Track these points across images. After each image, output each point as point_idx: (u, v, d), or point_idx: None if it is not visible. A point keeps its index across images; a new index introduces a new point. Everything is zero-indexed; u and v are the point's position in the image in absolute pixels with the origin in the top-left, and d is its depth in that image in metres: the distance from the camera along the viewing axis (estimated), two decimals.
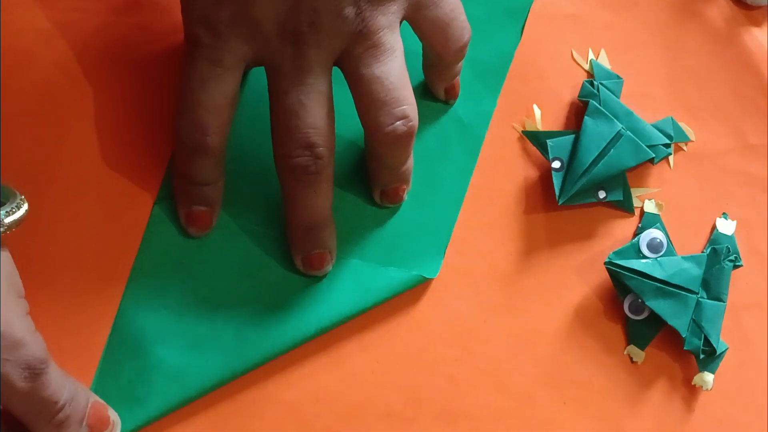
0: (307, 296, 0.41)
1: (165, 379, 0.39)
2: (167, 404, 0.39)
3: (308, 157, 0.38)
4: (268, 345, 0.40)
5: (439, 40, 0.41)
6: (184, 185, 0.41)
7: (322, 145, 0.38)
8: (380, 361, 0.41)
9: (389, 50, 0.38)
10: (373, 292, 0.41)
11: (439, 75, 0.44)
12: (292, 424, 0.40)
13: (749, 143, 0.46)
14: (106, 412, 0.36)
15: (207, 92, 0.38)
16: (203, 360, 0.40)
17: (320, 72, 0.38)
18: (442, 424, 0.41)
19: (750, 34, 0.48)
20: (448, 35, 0.40)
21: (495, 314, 0.43)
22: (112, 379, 0.39)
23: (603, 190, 0.44)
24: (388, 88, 0.38)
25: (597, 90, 0.44)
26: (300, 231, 0.40)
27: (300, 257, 0.41)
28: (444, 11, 0.40)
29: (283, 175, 0.39)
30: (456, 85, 0.45)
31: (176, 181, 0.41)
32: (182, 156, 0.40)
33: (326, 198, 0.40)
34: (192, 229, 0.41)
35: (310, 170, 0.38)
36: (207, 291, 0.41)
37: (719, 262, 0.43)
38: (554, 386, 0.42)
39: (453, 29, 0.40)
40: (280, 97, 0.38)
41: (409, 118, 0.38)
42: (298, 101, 0.37)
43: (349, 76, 0.38)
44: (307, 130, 0.38)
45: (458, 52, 0.42)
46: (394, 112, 0.38)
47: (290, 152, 0.38)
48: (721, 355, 0.43)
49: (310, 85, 0.38)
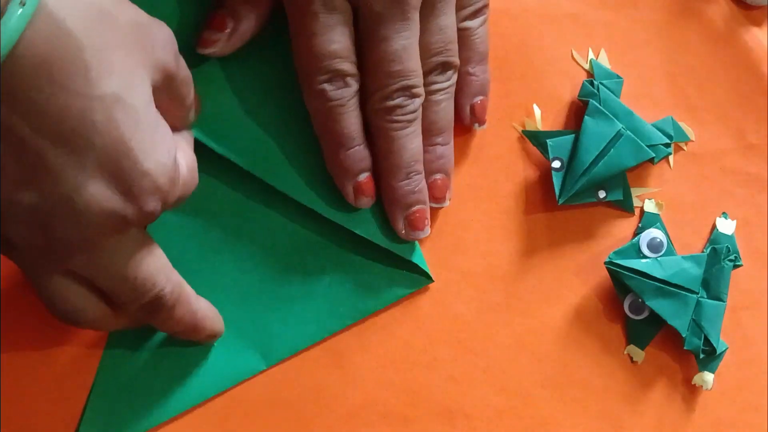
0: (307, 302, 0.41)
1: (166, 382, 0.39)
2: (168, 407, 0.39)
3: (406, 97, 0.39)
4: (272, 349, 0.40)
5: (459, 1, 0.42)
6: (343, 153, 0.40)
7: (419, 86, 0.40)
8: (380, 361, 0.41)
9: (453, 3, 0.41)
10: (376, 296, 0.41)
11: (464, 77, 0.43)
12: (292, 424, 0.40)
13: (749, 143, 0.46)
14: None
15: (336, 40, 0.38)
16: (205, 365, 0.40)
17: (416, 17, 0.39)
18: (441, 424, 0.41)
19: (750, 33, 0.48)
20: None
21: (495, 314, 0.43)
22: (113, 380, 0.39)
23: (603, 190, 0.44)
24: (444, 40, 0.40)
25: (597, 90, 0.44)
26: (400, 181, 0.40)
27: (403, 216, 0.41)
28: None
29: (379, 120, 0.40)
30: (481, 107, 0.44)
31: (332, 153, 0.40)
32: (334, 115, 0.39)
33: (421, 142, 0.41)
34: (363, 200, 0.41)
35: (408, 110, 0.40)
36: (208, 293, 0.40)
37: (719, 262, 0.43)
38: (554, 386, 0.42)
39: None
40: (379, 43, 0.39)
41: (453, 66, 0.41)
42: (401, 46, 0.39)
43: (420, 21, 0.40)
44: (407, 73, 0.39)
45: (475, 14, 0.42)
46: (443, 60, 0.41)
47: (390, 94, 0.39)
48: (721, 355, 0.43)
49: (410, 29, 0.39)
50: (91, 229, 0.31)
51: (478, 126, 0.44)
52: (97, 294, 0.34)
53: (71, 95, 0.29)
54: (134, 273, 0.33)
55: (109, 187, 0.31)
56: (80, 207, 0.30)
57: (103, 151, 0.30)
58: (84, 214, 0.30)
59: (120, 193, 0.31)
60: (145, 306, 0.35)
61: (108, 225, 0.31)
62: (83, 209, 0.30)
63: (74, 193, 0.30)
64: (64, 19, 0.28)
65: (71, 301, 0.34)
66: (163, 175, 0.32)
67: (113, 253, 0.33)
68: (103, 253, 0.32)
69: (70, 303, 0.34)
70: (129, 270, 0.33)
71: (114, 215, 0.31)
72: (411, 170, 0.40)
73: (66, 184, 0.30)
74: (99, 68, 0.29)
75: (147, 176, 0.31)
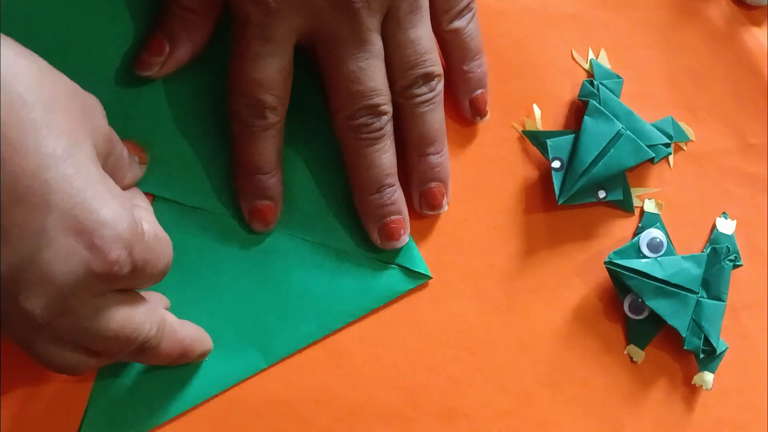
0: (307, 300, 0.41)
1: (167, 383, 0.39)
2: (169, 407, 0.39)
3: (372, 116, 0.39)
4: (272, 348, 0.40)
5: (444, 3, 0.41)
6: (246, 177, 0.40)
7: (385, 103, 0.39)
8: (380, 361, 0.41)
9: (424, 15, 0.40)
10: (375, 293, 0.41)
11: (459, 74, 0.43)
12: (292, 424, 0.40)
13: (749, 143, 0.46)
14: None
15: (262, 70, 0.38)
16: (205, 364, 0.40)
17: (374, 36, 0.39)
18: (442, 424, 0.41)
19: (750, 33, 0.48)
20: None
21: (495, 314, 0.43)
22: (114, 381, 0.39)
23: (603, 190, 0.44)
24: (419, 52, 0.40)
25: (597, 90, 0.44)
26: (370, 195, 0.40)
27: (376, 228, 0.41)
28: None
29: (346, 138, 0.40)
30: (481, 99, 0.43)
31: (238, 175, 0.41)
32: (243, 139, 0.39)
33: (393, 156, 0.41)
34: (256, 225, 0.41)
35: (374, 127, 0.39)
36: (207, 292, 0.41)
37: (719, 262, 0.43)
38: (554, 386, 0.42)
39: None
40: (336, 64, 0.39)
41: (435, 76, 0.40)
42: (358, 68, 0.38)
43: (386, 38, 0.39)
44: (369, 93, 0.39)
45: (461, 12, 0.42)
46: (423, 72, 0.40)
47: (354, 114, 0.39)
48: (721, 355, 0.43)
49: (367, 51, 0.39)
50: (63, 292, 0.30)
51: (480, 119, 0.44)
52: (86, 351, 0.33)
53: (25, 154, 0.29)
54: (118, 331, 0.33)
55: (69, 243, 0.30)
56: (45, 267, 0.30)
57: (60, 207, 0.30)
58: (51, 274, 0.30)
59: (83, 247, 0.30)
60: (132, 352, 0.34)
61: (78, 284, 0.31)
62: (49, 269, 0.30)
63: (37, 254, 0.30)
64: (12, 82, 0.29)
65: (64, 363, 0.33)
66: (122, 222, 0.31)
67: (94, 316, 0.32)
68: (84, 317, 0.32)
69: (63, 364, 0.33)
70: (112, 330, 0.33)
71: (80, 269, 0.30)
72: (382, 184, 0.40)
73: (27, 246, 0.29)
74: (48, 127, 0.30)
75: (106, 225, 0.31)
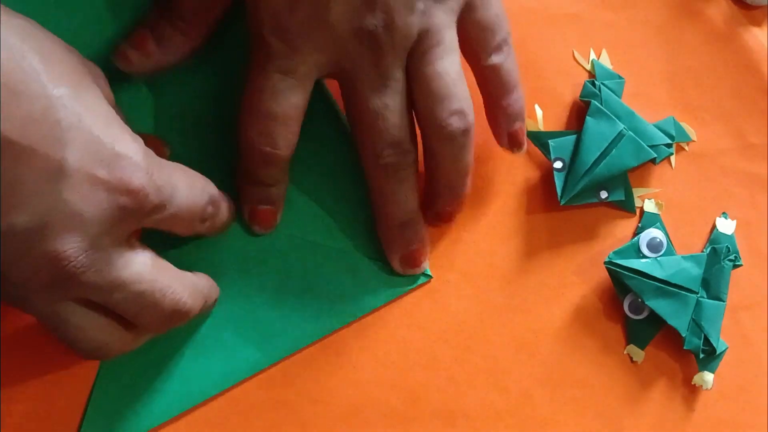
0: (307, 299, 0.41)
1: (167, 382, 0.39)
2: (169, 407, 0.39)
3: (398, 154, 0.39)
4: (272, 348, 0.40)
5: (481, 39, 0.40)
6: (249, 185, 0.40)
7: (410, 141, 0.39)
8: (380, 361, 0.41)
9: (449, 48, 0.39)
10: (375, 293, 0.41)
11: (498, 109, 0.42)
12: (291, 424, 0.40)
13: (749, 143, 0.47)
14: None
15: (279, 104, 0.38)
16: (205, 364, 0.40)
17: (398, 73, 0.38)
18: (441, 424, 0.41)
19: (750, 34, 0.48)
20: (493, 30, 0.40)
21: (495, 314, 0.43)
22: (114, 380, 0.39)
23: (605, 190, 0.43)
24: (447, 85, 0.38)
25: (598, 90, 0.44)
26: (395, 229, 0.41)
27: (398, 256, 0.41)
28: (491, 12, 0.40)
29: (374, 175, 0.40)
30: (520, 132, 0.42)
31: (241, 179, 0.40)
32: (250, 162, 0.39)
33: (416, 192, 0.40)
34: (256, 227, 0.41)
35: (401, 166, 0.39)
36: None
37: (719, 262, 0.43)
38: (554, 386, 0.42)
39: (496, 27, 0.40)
40: (362, 101, 0.38)
41: (465, 114, 0.39)
42: (383, 104, 0.38)
43: (411, 74, 0.39)
44: (393, 131, 0.38)
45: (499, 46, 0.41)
46: (451, 108, 0.38)
47: (380, 152, 0.39)
48: (721, 355, 0.43)
49: (391, 87, 0.38)
50: (93, 230, 0.31)
51: (518, 150, 0.42)
52: (117, 320, 0.33)
53: (30, 98, 0.29)
54: (151, 286, 0.33)
55: (91, 178, 0.30)
56: (71, 206, 0.30)
57: (75, 145, 0.30)
58: (77, 212, 0.30)
59: (104, 180, 0.31)
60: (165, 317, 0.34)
61: (106, 219, 0.31)
62: (75, 208, 0.30)
63: (59, 196, 0.30)
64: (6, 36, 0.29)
65: (95, 338, 0.33)
66: (137, 153, 0.32)
67: (125, 266, 0.32)
68: (115, 266, 0.32)
69: (94, 340, 0.33)
70: (147, 282, 0.33)
71: (105, 203, 0.31)
72: (407, 219, 0.41)
73: (48, 191, 0.30)
74: (49, 73, 0.30)
75: (124, 157, 0.31)
